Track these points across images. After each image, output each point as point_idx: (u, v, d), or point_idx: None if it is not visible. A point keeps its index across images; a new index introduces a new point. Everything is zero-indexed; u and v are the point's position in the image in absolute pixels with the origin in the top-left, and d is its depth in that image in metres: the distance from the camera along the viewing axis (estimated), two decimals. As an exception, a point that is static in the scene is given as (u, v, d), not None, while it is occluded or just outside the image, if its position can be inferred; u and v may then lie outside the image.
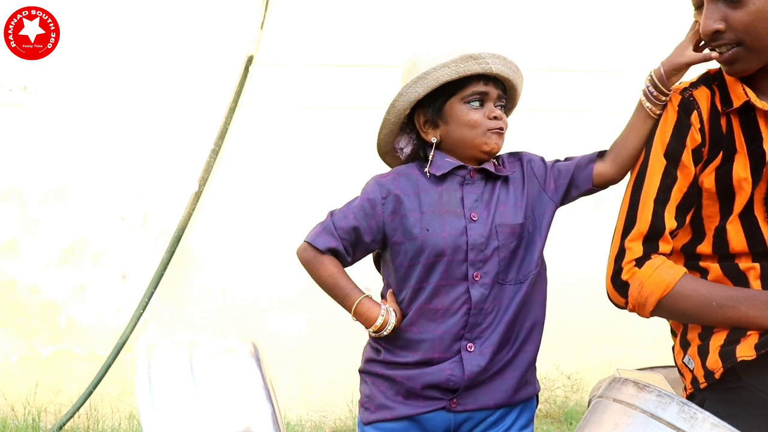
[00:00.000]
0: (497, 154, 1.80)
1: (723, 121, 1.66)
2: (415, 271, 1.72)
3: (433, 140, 1.75)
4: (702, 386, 1.65)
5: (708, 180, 1.66)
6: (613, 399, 1.60)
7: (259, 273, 3.62)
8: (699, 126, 1.66)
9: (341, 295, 1.75)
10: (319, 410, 3.65)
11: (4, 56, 3.51)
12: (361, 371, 1.83)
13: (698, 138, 1.65)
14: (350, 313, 1.74)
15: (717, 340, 1.64)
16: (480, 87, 1.72)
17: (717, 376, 1.61)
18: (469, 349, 1.71)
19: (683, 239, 1.72)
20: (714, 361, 1.62)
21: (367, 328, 1.74)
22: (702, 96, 1.68)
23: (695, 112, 1.66)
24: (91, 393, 3.48)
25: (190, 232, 3.63)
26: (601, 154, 1.78)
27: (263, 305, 3.65)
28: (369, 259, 1.87)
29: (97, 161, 3.62)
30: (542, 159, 1.82)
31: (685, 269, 1.66)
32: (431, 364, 1.71)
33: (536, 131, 3.39)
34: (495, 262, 1.70)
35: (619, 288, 1.67)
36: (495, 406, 1.73)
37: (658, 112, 1.72)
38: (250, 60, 3.63)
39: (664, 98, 1.71)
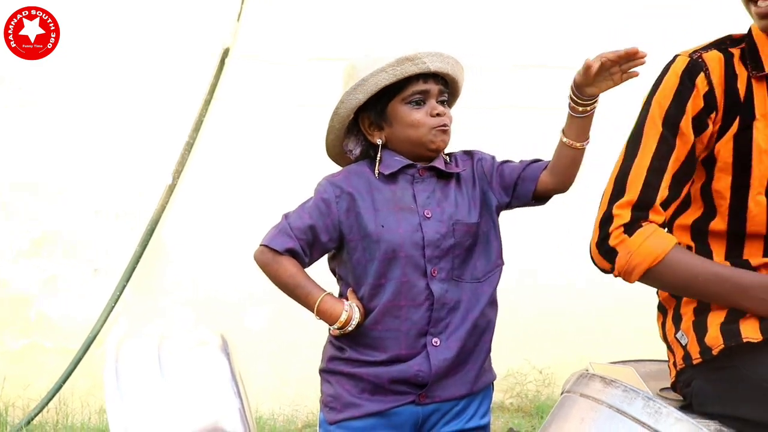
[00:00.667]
0: (451, 152, 1.83)
1: (741, 86, 1.60)
2: (371, 267, 1.72)
3: (379, 142, 1.78)
4: (695, 362, 1.62)
5: (725, 149, 1.61)
6: (581, 394, 1.61)
7: (232, 266, 3.60)
8: (706, 90, 1.60)
9: (303, 294, 1.74)
10: (292, 404, 3.64)
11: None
12: (322, 371, 1.81)
13: (701, 104, 1.60)
14: (313, 311, 1.74)
15: (716, 317, 1.61)
16: (419, 86, 1.74)
17: (715, 352, 1.58)
18: (434, 344, 1.72)
19: (694, 214, 1.68)
20: (714, 338, 1.59)
21: (331, 325, 1.74)
22: (713, 59, 1.62)
23: (702, 74, 1.60)
24: (60, 387, 3.45)
25: (164, 225, 3.60)
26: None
27: (236, 298, 3.63)
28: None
29: (70, 153, 3.59)
30: (493, 158, 1.83)
31: (675, 239, 1.63)
32: (399, 362, 1.72)
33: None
34: (449, 258, 1.73)
35: (605, 254, 1.63)
36: (460, 396, 1.76)
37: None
38: (226, 52, 3.61)
39: (580, 108, 1.68)
